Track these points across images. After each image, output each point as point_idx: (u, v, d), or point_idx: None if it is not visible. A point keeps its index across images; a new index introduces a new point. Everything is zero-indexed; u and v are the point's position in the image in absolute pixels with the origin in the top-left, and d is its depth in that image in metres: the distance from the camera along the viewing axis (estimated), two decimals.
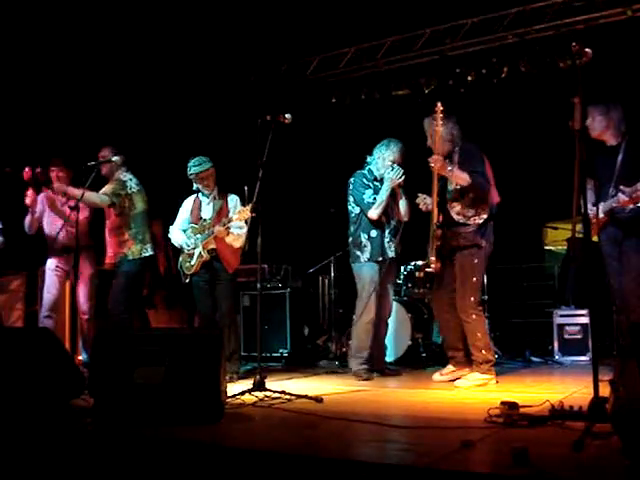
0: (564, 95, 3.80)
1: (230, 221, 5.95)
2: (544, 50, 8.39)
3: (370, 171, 6.18)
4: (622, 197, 4.92)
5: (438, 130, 5.47)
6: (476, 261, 5.45)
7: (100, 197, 6.19)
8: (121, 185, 6.25)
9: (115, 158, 6.19)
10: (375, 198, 6.03)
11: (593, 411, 3.08)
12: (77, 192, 6.06)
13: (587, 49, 3.64)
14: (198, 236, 6.17)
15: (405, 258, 7.85)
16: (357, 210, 6.13)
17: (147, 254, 6.30)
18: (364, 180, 6.12)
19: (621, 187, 4.92)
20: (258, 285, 5.03)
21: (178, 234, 6.35)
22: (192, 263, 6.18)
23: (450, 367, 5.68)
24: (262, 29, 8.73)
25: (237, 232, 6.00)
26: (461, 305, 5.42)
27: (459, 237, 5.45)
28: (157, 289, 8.72)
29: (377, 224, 6.06)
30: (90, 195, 6.11)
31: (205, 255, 6.10)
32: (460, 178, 5.35)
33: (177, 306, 8.90)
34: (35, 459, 3.32)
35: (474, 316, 5.40)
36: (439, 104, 5.53)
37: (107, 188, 6.23)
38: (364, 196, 6.05)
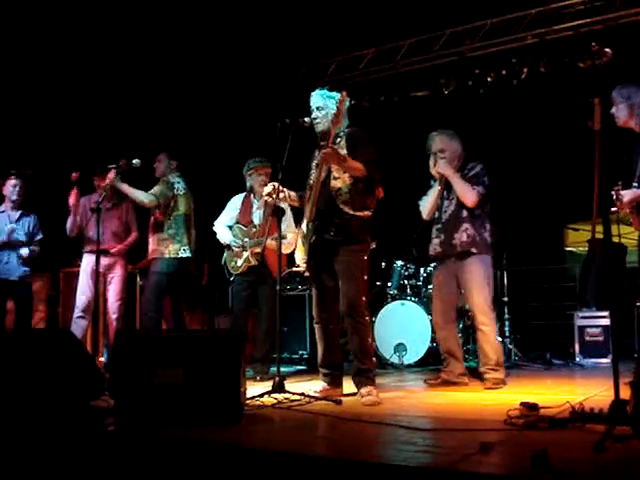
0: (584, 96, 3.78)
1: (284, 237, 5.89)
2: (564, 51, 8.35)
3: None
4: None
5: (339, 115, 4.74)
6: (365, 258, 4.83)
7: (148, 196, 6.39)
8: (169, 186, 6.45)
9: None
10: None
11: (614, 414, 3.05)
12: (132, 191, 6.40)
13: (607, 49, 3.60)
14: (247, 240, 6.29)
15: (425, 259, 7.88)
16: None
17: (184, 255, 6.40)
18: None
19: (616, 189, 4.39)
20: (277, 287, 5.02)
21: (224, 230, 6.51)
22: (239, 264, 6.35)
23: (325, 385, 4.95)
24: (282, 31, 8.75)
25: (285, 242, 5.95)
26: (353, 306, 4.75)
27: (345, 231, 4.76)
28: (184, 292, 8.78)
29: (430, 223, 5.70)
30: (138, 192, 6.39)
31: (253, 261, 6.21)
32: (354, 168, 4.68)
33: (197, 308, 8.96)
34: (56, 459, 3.35)
35: (367, 318, 4.83)
36: None
37: (155, 189, 6.44)
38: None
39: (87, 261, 6.80)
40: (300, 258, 5.04)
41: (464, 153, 5.63)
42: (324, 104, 4.91)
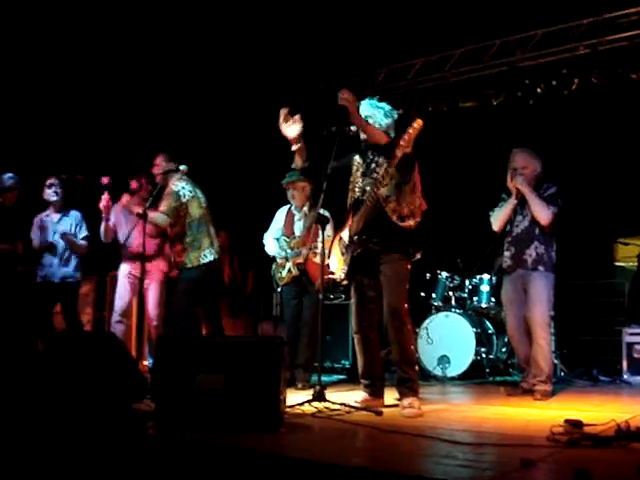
0: (637, 107, 3.71)
1: (316, 247, 6.10)
2: (616, 61, 8.21)
3: None
4: None
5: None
6: (409, 267, 4.83)
7: (160, 217, 6.18)
8: (175, 197, 6.21)
9: (183, 167, 6.26)
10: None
11: None
12: (139, 210, 6.19)
13: None
14: (289, 251, 6.39)
15: (471, 271, 7.80)
16: None
17: (206, 260, 6.20)
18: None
19: None
20: (320, 296, 5.01)
21: (271, 243, 6.60)
22: (283, 275, 6.46)
23: (366, 396, 4.93)
24: (332, 40, 8.77)
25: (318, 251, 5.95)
26: (396, 314, 4.73)
27: (390, 240, 4.76)
28: (221, 298, 8.83)
29: (501, 236, 5.87)
30: (152, 215, 6.13)
31: (294, 271, 6.37)
32: (371, 132, 4.77)
33: (241, 314, 9.01)
34: (98, 461, 3.38)
35: (409, 326, 4.79)
36: None
37: (164, 206, 6.19)
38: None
39: (125, 266, 6.85)
40: (337, 267, 5.04)
41: (542, 174, 5.77)
42: (372, 113, 4.93)
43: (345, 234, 5.01)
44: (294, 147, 4.89)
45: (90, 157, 8.20)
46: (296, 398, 4.71)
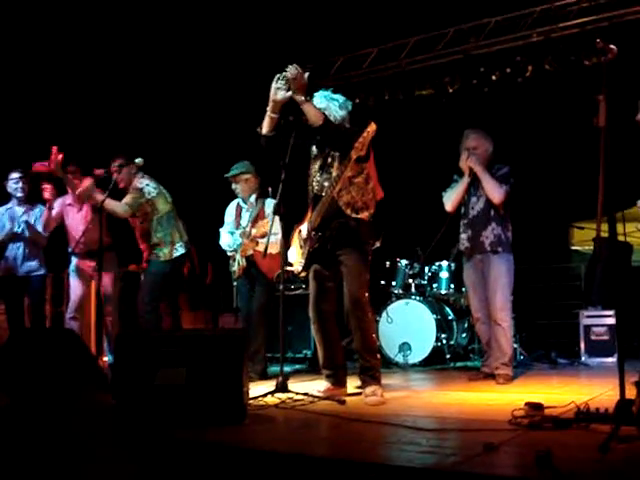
0: (589, 93, 3.75)
1: (252, 234, 6.13)
2: (569, 48, 8.32)
3: None
4: None
5: None
6: (370, 258, 4.84)
7: (122, 207, 6.18)
8: (139, 193, 6.23)
9: (138, 160, 6.20)
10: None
11: (619, 413, 3.02)
12: (100, 198, 6.12)
13: (612, 46, 3.58)
14: (238, 242, 6.30)
15: (429, 258, 7.84)
16: None
17: (178, 254, 6.30)
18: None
19: None
20: (281, 286, 4.99)
21: (225, 237, 6.52)
22: (235, 269, 6.40)
23: (328, 385, 4.92)
24: (286, 29, 8.74)
25: (270, 240, 5.91)
26: (357, 303, 4.70)
27: (347, 233, 4.74)
28: (181, 291, 8.75)
29: (457, 217, 5.93)
30: (112, 204, 6.13)
31: (242, 262, 6.25)
32: (312, 113, 4.64)
33: (201, 307, 8.95)
34: (56, 460, 3.33)
35: (370, 315, 4.79)
36: None
37: (128, 198, 6.23)
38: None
39: (75, 262, 6.80)
40: (296, 260, 5.05)
41: (493, 155, 5.85)
42: (327, 105, 4.88)
43: (304, 227, 4.99)
44: (273, 115, 4.77)
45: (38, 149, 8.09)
46: (259, 389, 4.69)
